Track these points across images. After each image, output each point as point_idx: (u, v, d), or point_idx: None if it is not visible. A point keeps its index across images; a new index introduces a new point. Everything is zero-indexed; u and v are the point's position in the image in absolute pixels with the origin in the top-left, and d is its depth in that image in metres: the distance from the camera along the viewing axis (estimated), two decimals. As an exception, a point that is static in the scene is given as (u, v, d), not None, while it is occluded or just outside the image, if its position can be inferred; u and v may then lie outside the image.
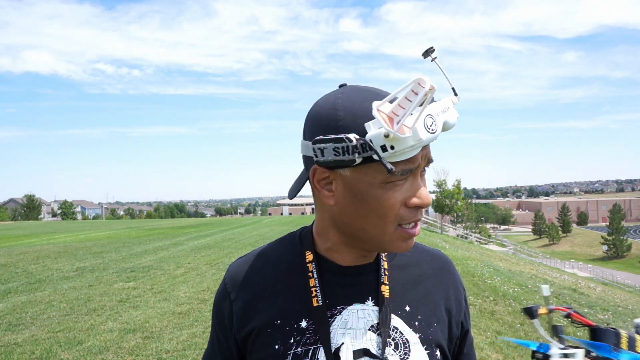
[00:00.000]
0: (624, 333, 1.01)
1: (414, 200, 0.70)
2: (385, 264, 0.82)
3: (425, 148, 0.70)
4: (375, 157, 0.65)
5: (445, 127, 0.69)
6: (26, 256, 11.13)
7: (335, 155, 0.67)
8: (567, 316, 1.17)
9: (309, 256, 0.80)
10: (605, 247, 54.11)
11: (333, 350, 0.73)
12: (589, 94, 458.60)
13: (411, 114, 0.66)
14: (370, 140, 0.66)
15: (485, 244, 31.25)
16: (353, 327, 0.75)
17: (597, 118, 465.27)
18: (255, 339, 0.78)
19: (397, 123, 0.66)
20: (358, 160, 0.67)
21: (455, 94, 0.72)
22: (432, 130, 0.66)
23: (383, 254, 0.83)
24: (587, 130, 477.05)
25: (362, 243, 0.76)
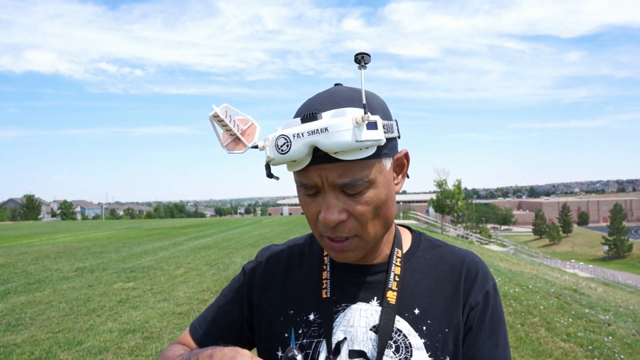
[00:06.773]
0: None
1: (319, 215, 0.71)
2: (397, 269, 0.80)
3: (324, 168, 0.67)
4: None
5: (325, 148, 0.63)
6: (25, 256, 11.10)
7: None
8: None
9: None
10: (606, 248, 54.07)
11: (334, 345, 0.75)
12: (592, 93, 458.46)
13: (222, 137, 0.77)
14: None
15: (486, 244, 31.19)
16: (355, 325, 0.76)
17: (600, 118, 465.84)
18: (268, 315, 0.83)
19: (222, 144, 0.77)
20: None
21: (365, 112, 0.63)
22: (282, 151, 0.66)
23: (397, 257, 0.81)
24: (589, 130, 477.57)
25: None
